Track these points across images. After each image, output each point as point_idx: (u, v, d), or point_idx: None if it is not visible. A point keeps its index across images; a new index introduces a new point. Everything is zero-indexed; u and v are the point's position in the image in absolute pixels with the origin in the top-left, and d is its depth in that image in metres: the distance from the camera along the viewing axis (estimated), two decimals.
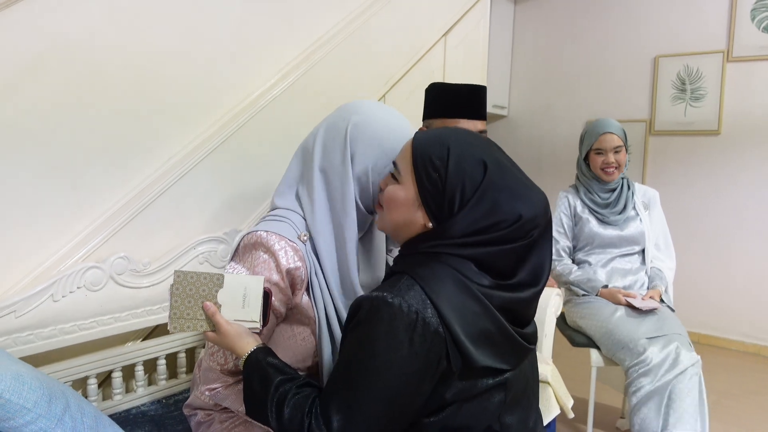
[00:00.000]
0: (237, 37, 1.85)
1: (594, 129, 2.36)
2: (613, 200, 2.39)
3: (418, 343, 0.89)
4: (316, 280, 1.21)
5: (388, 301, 0.91)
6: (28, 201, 1.42)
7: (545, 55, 4.52)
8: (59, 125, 1.45)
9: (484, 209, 0.94)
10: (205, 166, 1.73)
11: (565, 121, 4.42)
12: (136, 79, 1.60)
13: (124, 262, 1.52)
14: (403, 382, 0.90)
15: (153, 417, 1.56)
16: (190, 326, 1.08)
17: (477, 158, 0.97)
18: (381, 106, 1.26)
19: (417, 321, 0.89)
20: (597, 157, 2.35)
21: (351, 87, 2.22)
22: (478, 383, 0.95)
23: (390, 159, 1.16)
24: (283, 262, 1.16)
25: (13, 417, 0.94)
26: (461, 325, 0.91)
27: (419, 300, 0.91)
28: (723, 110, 3.78)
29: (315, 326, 1.22)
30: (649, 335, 2.08)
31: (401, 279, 0.95)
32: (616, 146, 2.32)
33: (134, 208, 1.58)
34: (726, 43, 3.75)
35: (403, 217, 1.02)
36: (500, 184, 0.95)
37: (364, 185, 1.21)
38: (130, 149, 1.61)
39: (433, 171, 0.97)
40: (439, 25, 2.66)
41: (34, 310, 1.36)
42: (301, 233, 1.20)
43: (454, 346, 0.91)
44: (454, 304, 0.91)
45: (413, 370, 0.90)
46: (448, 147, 0.98)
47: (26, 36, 1.38)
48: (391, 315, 0.90)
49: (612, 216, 2.37)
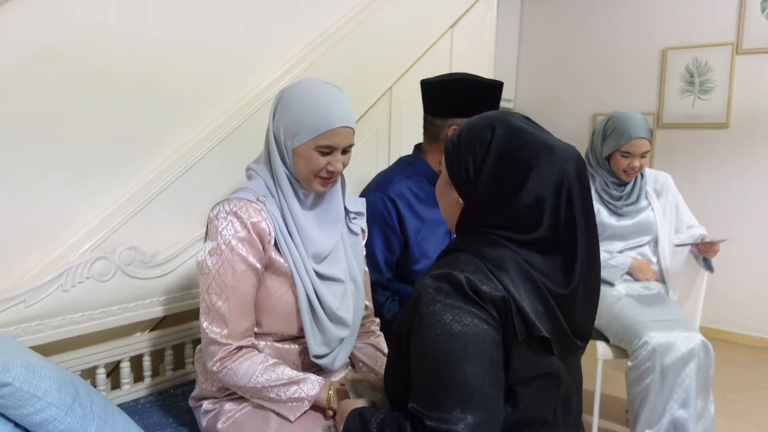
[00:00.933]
0: (244, 29, 1.85)
1: (625, 129, 2.21)
2: (627, 192, 2.32)
3: (490, 308, 0.90)
4: (282, 237, 1.28)
5: (450, 273, 0.91)
6: (36, 192, 1.43)
7: (552, 47, 4.50)
8: (67, 116, 1.46)
9: (497, 166, 0.95)
10: (212, 157, 1.74)
11: (572, 114, 4.40)
12: (143, 70, 1.60)
13: (132, 253, 1.53)
14: (490, 342, 0.90)
15: (161, 407, 1.57)
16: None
17: (487, 123, 0.99)
18: (319, 83, 1.31)
19: (481, 291, 0.90)
20: (623, 159, 2.23)
21: (357, 79, 2.22)
22: (536, 362, 0.94)
23: (300, 128, 1.26)
24: (245, 216, 1.25)
25: (23, 405, 0.95)
26: (521, 298, 0.92)
27: (482, 273, 0.92)
28: (732, 103, 3.75)
29: (290, 279, 1.30)
30: (654, 319, 2.10)
31: (459, 256, 0.96)
32: (644, 151, 2.21)
33: (142, 199, 1.59)
34: (735, 35, 3.72)
35: (445, 200, 1.07)
36: (511, 141, 0.96)
37: (279, 147, 1.30)
38: (138, 141, 1.61)
39: (451, 146, 1.03)
40: (446, 18, 2.64)
41: (44, 300, 1.37)
42: (260, 194, 1.30)
43: (518, 312, 0.91)
44: (513, 280, 0.92)
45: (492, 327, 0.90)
46: (464, 124, 1.04)
47: (35, 27, 1.38)
48: (457, 285, 0.90)
49: (624, 207, 2.31)
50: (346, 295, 1.41)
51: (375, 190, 1.77)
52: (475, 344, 0.89)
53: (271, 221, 1.28)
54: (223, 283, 1.24)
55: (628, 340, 2.11)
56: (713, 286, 3.89)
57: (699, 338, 2.02)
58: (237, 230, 1.24)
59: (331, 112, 1.26)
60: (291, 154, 1.29)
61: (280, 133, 1.29)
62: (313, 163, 1.28)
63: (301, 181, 1.32)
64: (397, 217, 1.72)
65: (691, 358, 1.99)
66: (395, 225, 1.73)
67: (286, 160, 1.31)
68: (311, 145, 1.27)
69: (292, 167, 1.31)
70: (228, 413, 1.32)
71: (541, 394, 0.97)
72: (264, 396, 1.26)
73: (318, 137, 1.26)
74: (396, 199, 1.72)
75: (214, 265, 1.24)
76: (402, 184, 1.75)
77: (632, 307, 2.19)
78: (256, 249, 1.26)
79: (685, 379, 1.98)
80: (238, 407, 1.32)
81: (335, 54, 2.09)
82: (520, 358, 0.92)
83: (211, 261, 1.24)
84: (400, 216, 1.72)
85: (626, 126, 2.21)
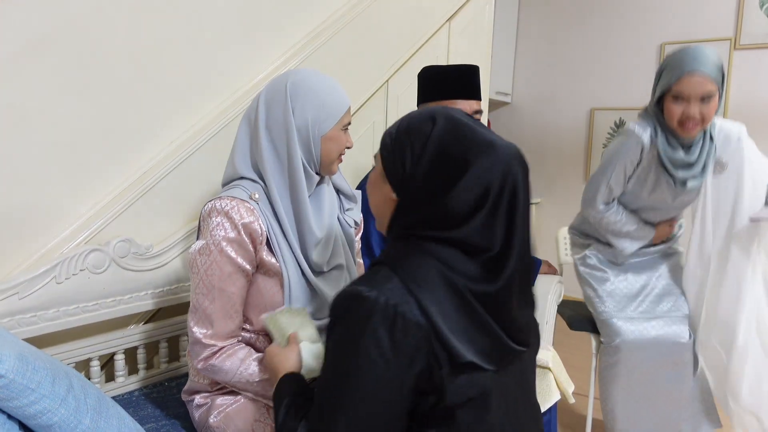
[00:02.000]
0: (241, 19, 1.84)
1: (677, 63, 1.71)
2: (694, 161, 1.83)
3: (400, 338, 0.83)
4: (274, 236, 1.28)
5: (364, 296, 0.85)
6: (30, 183, 1.41)
7: (550, 41, 4.49)
8: (62, 107, 1.45)
9: (433, 159, 0.89)
10: (207, 149, 1.73)
11: (569, 109, 4.40)
12: (139, 61, 1.59)
13: (127, 245, 1.52)
14: (387, 381, 0.84)
15: (155, 399, 1.57)
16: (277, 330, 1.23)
17: (427, 116, 0.94)
18: (316, 71, 1.35)
19: (396, 315, 0.83)
20: (674, 106, 1.73)
21: (355, 71, 2.21)
22: (468, 385, 0.88)
23: (328, 114, 1.29)
24: (236, 217, 1.23)
25: (17, 397, 0.94)
26: (443, 319, 0.85)
27: (399, 292, 0.85)
28: (729, 98, 3.75)
29: (282, 279, 1.30)
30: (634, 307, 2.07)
31: (379, 270, 0.89)
32: (704, 93, 1.67)
33: (137, 191, 1.58)
34: (733, 30, 3.72)
35: (377, 195, 1.00)
36: (451, 134, 0.90)
37: (305, 139, 1.29)
38: (133, 132, 1.60)
39: (388, 137, 0.97)
40: (444, 10, 2.63)
41: (38, 291, 1.37)
42: (252, 193, 1.28)
43: (437, 340, 0.84)
44: (436, 297, 0.85)
45: (396, 367, 0.83)
46: (405, 116, 0.98)
47: (30, 17, 1.37)
48: (367, 310, 0.84)
49: (690, 180, 1.85)
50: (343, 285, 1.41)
51: None
52: (369, 378, 0.84)
53: (263, 220, 1.27)
54: (210, 283, 1.23)
55: (602, 327, 2.11)
56: None
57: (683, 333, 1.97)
58: (227, 231, 1.23)
59: (342, 92, 1.33)
60: (319, 141, 1.30)
61: (308, 123, 1.28)
62: (341, 143, 1.34)
63: (324, 166, 1.33)
64: None
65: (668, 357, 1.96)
66: None
67: (312, 149, 1.30)
68: (339, 126, 1.32)
69: (319, 155, 1.31)
70: (219, 407, 1.32)
71: (483, 411, 0.90)
72: (252, 389, 1.28)
73: (343, 116, 1.32)
74: None
75: (203, 265, 1.24)
76: None
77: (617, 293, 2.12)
78: (246, 250, 1.25)
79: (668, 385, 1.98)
80: (229, 402, 1.32)
81: (332, 46, 2.08)
82: (451, 382, 0.86)
83: (200, 260, 1.24)
84: None
85: (681, 59, 1.71)
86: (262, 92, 1.34)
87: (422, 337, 0.84)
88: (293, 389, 1.04)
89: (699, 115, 1.70)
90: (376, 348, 0.83)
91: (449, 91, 1.68)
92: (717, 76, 1.68)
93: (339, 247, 1.42)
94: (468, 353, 0.86)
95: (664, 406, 2.03)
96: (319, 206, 1.39)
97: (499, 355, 0.90)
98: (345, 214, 1.49)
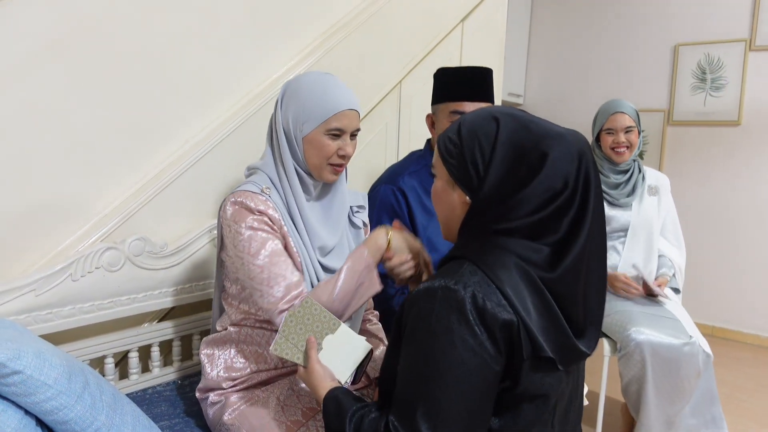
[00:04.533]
0: (255, 19, 1.84)
1: (605, 109, 2.35)
2: (623, 181, 2.35)
3: (489, 329, 0.85)
4: (288, 228, 1.30)
5: (453, 288, 0.87)
6: (46, 181, 1.43)
7: (562, 42, 4.47)
8: (78, 106, 1.46)
9: (507, 157, 0.91)
10: (222, 148, 1.74)
11: (581, 110, 4.37)
12: (154, 60, 1.60)
13: (141, 244, 1.53)
14: (479, 373, 0.85)
15: (168, 397, 1.58)
16: (289, 354, 1.13)
17: (487, 116, 0.95)
18: (322, 73, 1.34)
19: (486, 304, 0.85)
20: (608, 137, 2.32)
21: (368, 71, 2.21)
22: (540, 381, 0.90)
23: (309, 115, 1.28)
24: (253, 205, 1.26)
25: (34, 393, 0.95)
26: (526, 314, 0.87)
27: (485, 286, 0.87)
28: (744, 100, 3.71)
29: (299, 268, 1.30)
30: (642, 311, 2.14)
31: (462, 265, 0.91)
32: (627, 126, 2.29)
33: (151, 190, 1.59)
34: (749, 31, 3.68)
35: (445, 204, 1.01)
36: (518, 131, 0.92)
37: (289, 138, 1.31)
38: (148, 131, 1.61)
39: (451, 144, 0.98)
40: (457, 11, 2.63)
41: (54, 288, 1.38)
42: (263, 187, 1.30)
43: (525, 331, 0.86)
44: (518, 291, 0.88)
45: (490, 355, 0.86)
46: (460, 121, 0.99)
47: (46, 16, 1.38)
48: (457, 300, 0.86)
49: (621, 198, 2.34)
50: None
51: (386, 182, 1.77)
52: (462, 371, 0.85)
53: (276, 210, 1.29)
54: (256, 254, 1.23)
55: (617, 331, 2.13)
56: (721, 285, 3.88)
57: (689, 341, 2.01)
58: (250, 215, 1.26)
59: (336, 95, 1.28)
60: (301, 143, 1.30)
61: (289, 123, 1.30)
62: (324, 149, 1.29)
63: (312, 171, 1.33)
64: (407, 209, 1.72)
65: (684, 361, 1.99)
66: (405, 217, 1.73)
67: (296, 151, 1.31)
68: (321, 130, 1.28)
69: (303, 158, 1.31)
70: (234, 405, 1.32)
71: (544, 408, 0.93)
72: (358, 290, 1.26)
73: (328, 120, 1.28)
74: (407, 191, 1.72)
75: (243, 248, 1.24)
76: (413, 177, 1.75)
77: (618, 299, 2.24)
78: (272, 228, 1.28)
79: (684, 383, 1.98)
80: (243, 399, 1.32)
81: (345, 46, 2.08)
82: (527, 376, 0.89)
83: (240, 247, 1.24)
84: (410, 208, 1.72)
85: (607, 106, 2.36)
86: None
87: (509, 328, 0.86)
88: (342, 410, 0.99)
89: (626, 142, 2.30)
90: (470, 335, 0.85)
91: (460, 93, 1.67)
92: (635, 116, 2.33)
93: (345, 251, 1.43)
94: (550, 350, 0.88)
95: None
96: (328, 207, 1.39)
97: (569, 356, 0.93)
98: (354, 216, 1.50)
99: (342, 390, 1.05)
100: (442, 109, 1.69)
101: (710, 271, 3.87)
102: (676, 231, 2.46)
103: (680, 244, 2.46)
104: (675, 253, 2.43)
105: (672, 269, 2.38)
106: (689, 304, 2.71)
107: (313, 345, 1.12)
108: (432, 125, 1.77)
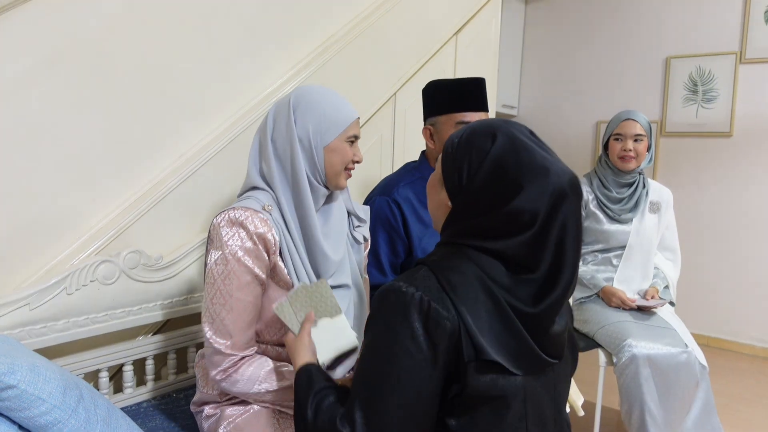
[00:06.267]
0: (250, 33, 1.86)
1: (618, 116, 2.34)
2: (626, 196, 2.33)
3: (432, 329, 0.89)
4: (286, 246, 1.30)
5: (402, 290, 0.91)
6: (42, 194, 1.43)
7: (555, 55, 4.51)
8: (74, 120, 1.47)
9: (488, 177, 0.93)
10: (217, 162, 1.74)
11: (575, 122, 4.40)
12: (149, 75, 1.61)
13: (136, 257, 1.53)
14: (418, 371, 0.89)
15: (163, 410, 1.57)
16: (287, 318, 1.19)
17: (489, 131, 0.98)
18: (324, 87, 1.38)
19: (430, 309, 0.89)
20: (616, 143, 2.28)
21: (362, 84, 2.23)
22: (492, 384, 0.92)
23: (330, 124, 1.31)
24: (251, 228, 1.25)
25: (28, 407, 0.95)
26: (473, 319, 0.90)
27: (434, 290, 0.91)
28: (735, 112, 3.75)
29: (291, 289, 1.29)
30: (638, 322, 2.15)
31: (419, 270, 0.95)
32: (636, 134, 2.25)
33: (147, 203, 1.60)
34: (739, 44, 3.73)
35: (434, 198, 1.06)
36: (509, 155, 0.93)
37: (307, 150, 1.31)
38: (144, 145, 1.62)
39: (451, 147, 1.01)
40: (451, 24, 2.65)
41: (49, 302, 1.38)
42: (265, 204, 1.30)
43: (467, 335, 0.89)
44: (470, 298, 0.91)
45: (427, 358, 0.89)
46: (468, 128, 1.02)
47: (43, 32, 1.39)
48: (404, 303, 0.90)
49: (623, 214, 2.32)
50: (349, 304, 1.42)
51: (380, 193, 1.77)
52: (397, 370, 0.89)
53: (276, 231, 1.28)
54: (228, 293, 1.24)
55: (612, 342, 2.13)
56: (717, 295, 3.89)
57: (685, 350, 2.02)
58: (243, 241, 1.24)
59: (347, 105, 1.36)
60: (321, 152, 1.32)
61: (309, 134, 1.31)
62: (345, 155, 1.35)
63: (329, 178, 1.34)
64: (402, 220, 1.73)
65: (683, 370, 1.99)
66: (400, 228, 1.73)
67: (315, 161, 1.32)
68: (343, 137, 1.33)
69: (322, 166, 1.33)
70: (229, 418, 1.31)
71: (505, 411, 0.93)
72: (269, 399, 1.28)
73: (348, 128, 1.34)
74: (401, 203, 1.73)
75: (220, 275, 1.24)
76: (407, 188, 1.76)
77: (612, 310, 2.25)
78: (262, 260, 1.26)
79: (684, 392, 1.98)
80: (239, 412, 1.32)
81: (340, 60, 2.10)
82: (474, 378, 0.91)
83: (217, 270, 1.24)
84: (405, 220, 1.73)
85: (620, 114, 2.34)
86: (272, 108, 1.38)
87: (452, 330, 0.90)
88: (312, 385, 1.04)
89: (633, 151, 2.25)
90: (410, 337, 0.89)
91: (459, 104, 1.70)
92: (646, 126, 2.28)
93: (346, 266, 1.43)
94: (495, 354, 0.90)
95: None
96: (328, 223, 1.40)
97: (528, 362, 0.94)
98: (355, 231, 1.50)
99: (317, 367, 1.11)
100: (445, 121, 1.71)
101: (704, 281, 3.88)
102: (673, 245, 2.46)
103: (676, 258, 2.47)
104: (669, 267, 2.44)
105: (665, 281, 2.39)
106: (683, 315, 2.71)
107: (311, 320, 1.19)
108: (430, 137, 1.78)
